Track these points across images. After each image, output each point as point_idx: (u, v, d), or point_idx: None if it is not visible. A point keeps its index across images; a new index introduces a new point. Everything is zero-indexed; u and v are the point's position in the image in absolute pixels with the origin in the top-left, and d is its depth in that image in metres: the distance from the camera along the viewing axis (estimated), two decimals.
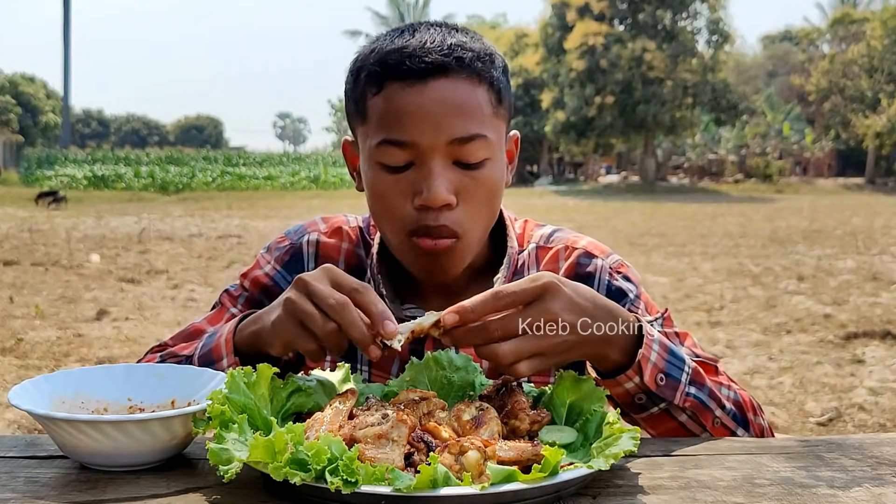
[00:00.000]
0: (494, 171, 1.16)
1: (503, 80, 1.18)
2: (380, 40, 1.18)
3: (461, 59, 1.12)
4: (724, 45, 37.75)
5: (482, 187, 1.15)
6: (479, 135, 1.13)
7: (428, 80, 1.11)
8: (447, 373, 1.13)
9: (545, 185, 39.64)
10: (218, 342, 1.16)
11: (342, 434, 0.90)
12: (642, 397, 1.11)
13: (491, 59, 1.17)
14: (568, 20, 37.23)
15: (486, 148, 1.14)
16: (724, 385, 1.21)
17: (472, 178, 1.14)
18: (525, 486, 0.83)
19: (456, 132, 1.11)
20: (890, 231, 15.92)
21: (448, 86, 1.12)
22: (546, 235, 1.36)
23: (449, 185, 1.12)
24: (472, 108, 1.13)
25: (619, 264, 1.33)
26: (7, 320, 6.95)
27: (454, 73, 1.12)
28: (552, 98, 37.81)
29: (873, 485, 0.94)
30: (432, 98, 1.11)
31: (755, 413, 1.23)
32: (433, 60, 1.11)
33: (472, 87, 1.13)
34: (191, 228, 16.57)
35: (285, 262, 1.34)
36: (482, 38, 1.20)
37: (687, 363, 1.14)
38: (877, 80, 38.90)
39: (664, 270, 10.26)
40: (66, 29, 56.21)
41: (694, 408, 1.13)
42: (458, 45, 1.13)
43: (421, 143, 1.12)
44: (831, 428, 4.42)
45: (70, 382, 1.09)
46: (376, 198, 1.18)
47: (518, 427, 1.00)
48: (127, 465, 0.97)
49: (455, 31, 1.18)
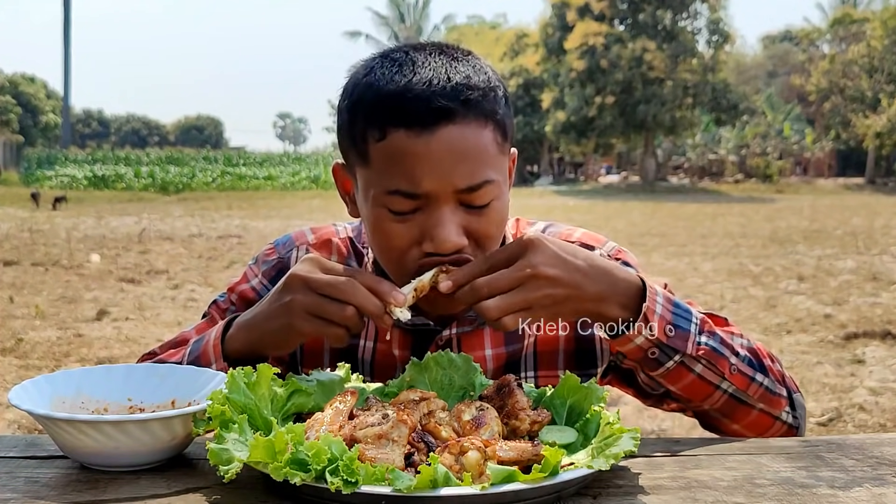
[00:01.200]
0: (501, 206, 1.15)
1: (507, 111, 1.16)
2: (375, 73, 1.12)
3: (468, 102, 1.08)
4: (724, 45, 37.75)
5: (490, 225, 1.14)
6: (487, 181, 1.11)
7: (436, 129, 1.07)
8: (448, 373, 1.13)
9: (545, 185, 39.64)
10: (205, 348, 1.16)
11: (342, 434, 0.90)
12: (655, 351, 1.12)
13: (495, 93, 1.13)
14: (568, 20, 37.22)
15: (493, 190, 1.12)
16: (735, 334, 1.21)
17: (479, 218, 1.13)
18: (525, 487, 0.83)
19: (465, 181, 1.09)
20: (890, 231, 15.91)
21: (456, 132, 1.08)
22: (539, 230, 1.36)
23: (458, 230, 1.11)
24: (480, 153, 1.10)
25: (616, 250, 1.34)
26: (7, 320, 6.95)
27: (461, 117, 1.08)
28: (552, 98, 37.81)
29: (874, 485, 0.94)
30: (440, 147, 1.07)
31: (772, 360, 1.24)
32: (440, 107, 1.07)
33: (480, 130, 1.10)
34: (191, 228, 16.57)
35: (272, 277, 1.33)
36: (483, 66, 1.16)
37: (693, 314, 1.15)
38: (877, 80, 38.90)
39: (664, 270, 10.25)
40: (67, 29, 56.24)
41: (708, 356, 1.14)
42: (463, 85, 1.09)
43: (430, 193, 1.09)
44: (832, 428, 4.42)
45: (70, 382, 1.09)
46: (381, 239, 1.16)
47: (518, 427, 1.00)
48: (127, 465, 0.97)
49: (456, 62, 1.12)
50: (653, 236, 15.00)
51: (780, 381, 1.22)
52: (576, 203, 27.47)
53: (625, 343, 1.12)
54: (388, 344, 1.28)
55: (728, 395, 1.18)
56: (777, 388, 1.21)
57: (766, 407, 1.20)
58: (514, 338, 1.28)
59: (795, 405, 1.24)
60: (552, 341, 1.29)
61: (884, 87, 38.22)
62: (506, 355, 1.28)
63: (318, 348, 1.31)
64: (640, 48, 35.48)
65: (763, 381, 1.19)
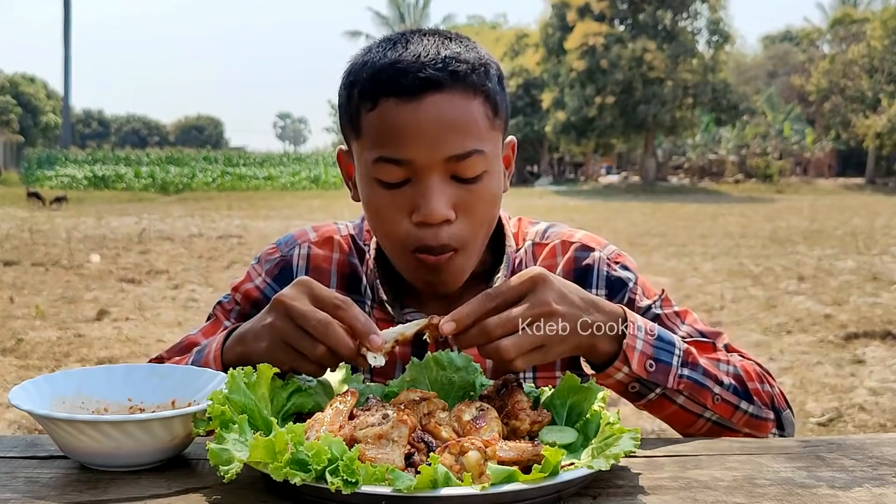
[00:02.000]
0: (492, 183, 1.16)
1: (498, 89, 1.16)
2: (372, 52, 1.15)
3: (456, 73, 1.10)
4: (724, 45, 37.76)
5: (480, 200, 1.14)
6: (475, 150, 1.11)
7: (423, 96, 1.09)
8: (448, 373, 1.13)
9: (545, 186, 39.65)
10: (206, 359, 1.17)
11: (342, 434, 0.90)
12: (636, 385, 1.13)
13: (486, 69, 1.14)
14: (568, 20, 37.24)
15: (482, 162, 1.13)
16: (721, 361, 1.21)
17: (469, 192, 1.13)
18: (525, 487, 0.83)
19: (452, 149, 1.10)
20: (890, 231, 15.91)
21: (443, 101, 1.09)
22: (541, 232, 1.36)
23: (447, 201, 1.12)
24: (468, 123, 1.11)
25: (616, 254, 1.34)
26: (7, 320, 6.95)
27: (449, 87, 1.09)
28: (552, 98, 37.82)
29: (874, 485, 0.94)
30: (428, 115, 1.09)
31: (761, 381, 1.23)
32: (428, 76, 1.08)
33: (468, 101, 1.11)
34: (191, 228, 16.58)
35: (275, 276, 1.34)
36: (477, 47, 1.17)
37: (677, 346, 1.15)
38: (877, 81, 38.91)
39: (664, 271, 10.25)
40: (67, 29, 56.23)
41: (689, 389, 1.15)
42: (452, 58, 1.11)
43: (417, 161, 1.10)
44: (832, 428, 4.42)
45: (70, 383, 1.09)
46: (374, 213, 1.18)
47: (518, 427, 1.00)
48: (127, 465, 0.97)
49: (449, 41, 1.15)
50: (653, 236, 15.00)
51: (767, 404, 1.23)
52: (576, 203, 27.47)
53: (605, 378, 1.12)
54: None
55: (712, 423, 1.19)
56: (763, 413, 1.22)
57: (751, 431, 1.22)
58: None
59: (784, 423, 1.25)
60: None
61: (884, 87, 38.23)
62: None
63: None
64: (641, 48, 35.49)
65: (748, 409, 1.20)
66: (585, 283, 1.30)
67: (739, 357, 1.28)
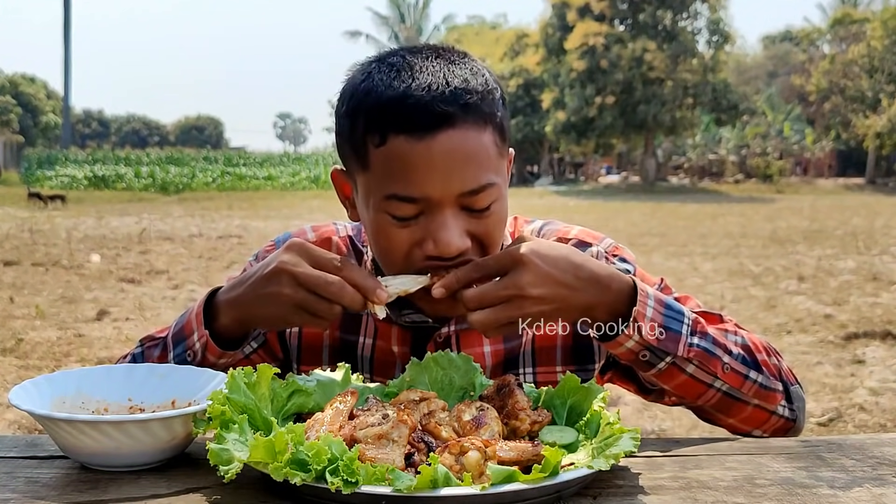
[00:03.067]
0: (501, 208, 1.16)
1: (504, 113, 1.15)
2: (374, 79, 1.11)
3: (468, 106, 1.08)
4: (724, 45, 37.73)
5: (492, 227, 1.15)
6: (489, 184, 1.11)
7: (436, 133, 1.06)
8: (447, 373, 1.13)
9: (545, 186, 39.64)
10: (189, 318, 1.18)
11: (342, 434, 0.90)
12: (646, 354, 1.12)
13: (493, 95, 1.13)
14: (568, 20, 37.21)
15: (494, 192, 1.13)
16: (729, 332, 1.21)
17: (481, 222, 1.13)
18: (525, 487, 0.83)
19: (467, 185, 1.09)
20: (890, 231, 15.91)
21: (456, 137, 1.07)
22: (537, 229, 1.36)
23: (462, 233, 1.11)
24: (481, 156, 1.10)
25: (613, 247, 1.35)
26: (7, 320, 6.95)
27: (461, 121, 1.08)
28: (552, 98, 37.80)
29: (874, 485, 0.94)
30: (441, 151, 1.07)
31: (769, 354, 1.23)
32: (441, 112, 1.06)
33: (479, 133, 1.10)
34: (191, 229, 16.57)
35: None
36: (481, 68, 1.15)
37: (686, 314, 1.15)
38: (877, 81, 38.89)
39: (664, 271, 10.25)
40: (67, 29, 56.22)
41: (699, 357, 1.14)
42: (462, 89, 1.08)
43: (431, 197, 1.09)
44: (832, 428, 4.41)
45: (70, 383, 1.09)
46: (383, 244, 1.16)
47: (518, 427, 1.00)
48: (127, 465, 0.97)
49: (454, 66, 1.12)
50: (653, 236, 15.00)
51: (775, 375, 1.22)
52: (576, 203, 27.46)
53: (615, 346, 1.12)
54: (388, 341, 1.28)
55: (722, 393, 1.18)
56: (772, 384, 1.21)
57: (761, 402, 1.21)
58: (513, 335, 1.28)
59: (793, 397, 1.24)
60: (550, 338, 1.30)
61: (884, 87, 38.22)
62: (504, 352, 1.29)
63: (317, 345, 1.32)
64: (641, 48, 35.48)
65: (757, 379, 1.19)
66: None
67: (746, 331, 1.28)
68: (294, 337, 1.32)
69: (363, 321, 1.29)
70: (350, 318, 1.29)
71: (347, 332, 1.30)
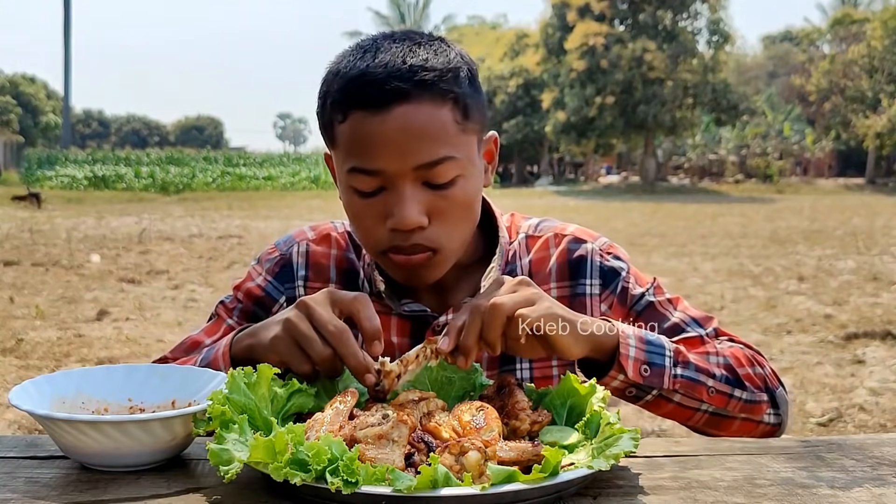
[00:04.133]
0: (467, 187, 1.17)
1: (470, 91, 1.17)
2: (344, 60, 1.17)
3: (423, 82, 1.11)
4: (724, 45, 37.75)
5: (454, 205, 1.16)
6: (446, 157, 1.13)
7: (391, 108, 1.10)
8: (447, 373, 1.13)
9: (545, 186, 39.65)
10: (216, 356, 1.18)
11: (342, 434, 0.90)
12: (632, 390, 1.16)
13: (455, 74, 1.15)
14: (568, 20, 37.22)
15: (454, 167, 1.14)
16: (710, 353, 1.23)
17: (443, 198, 1.15)
18: (525, 487, 0.83)
19: (421, 158, 1.12)
20: (890, 231, 15.91)
21: (411, 111, 1.11)
22: (534, 225, 1.38)
23: (420, 208, 1.14)
24: (437, 131, 1.12)
25: (608, 245, 1.37)
26: (7, 321, 6.95)
27: (416, 97, 1.11)
28: (553, 98, 37.81)
29: (874, 485, 0.94)
30: (395, 126, 1.10)
31: (751, 364, 1.26)
32: (394, 87, 1.10)
33: (436, 109, 1.12)
34: (191, 229, 16.57)
35: (276, 274, 1.36)
36: (448, 50, 1.17)
37: (667, 347, 1.17)
38: (877, 81, 38.90)
39: (664, 271, 10.25)
40: (67, 29, 56.22)
41: (684, 386, 1.17)
42: (419, 66, 1.12)
43: (388, 170, 1.13)
44: (832, 428, 4.41)
45: (70, 383, 1.09)
46: (352, 218, 1.22)
47: (518, 427, 1.00)
48: (127, 465, 0.97)
49: (418, 47, 1.15)
50: (653, 236, 15.00)
51: (759, 387, 1.25)
52: (576, 203, 27.46)
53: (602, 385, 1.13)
54: (386, 331, 1.28)
55: (709, 414, 1.22)
56: (757, 396, 1.24)
57: (748, 416, 1.24)
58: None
59: (778, 401, 1.27)
60: None
61: (884, 87, 38.22)
62: None
63: None
64: (641, 48, 35.48)
65: (742, 396, 1.22)
66: (579, 273, 1.33)
67: (729, 343, 1.31)
68: None
69: None
70: None
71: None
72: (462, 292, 1.31)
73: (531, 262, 1.34)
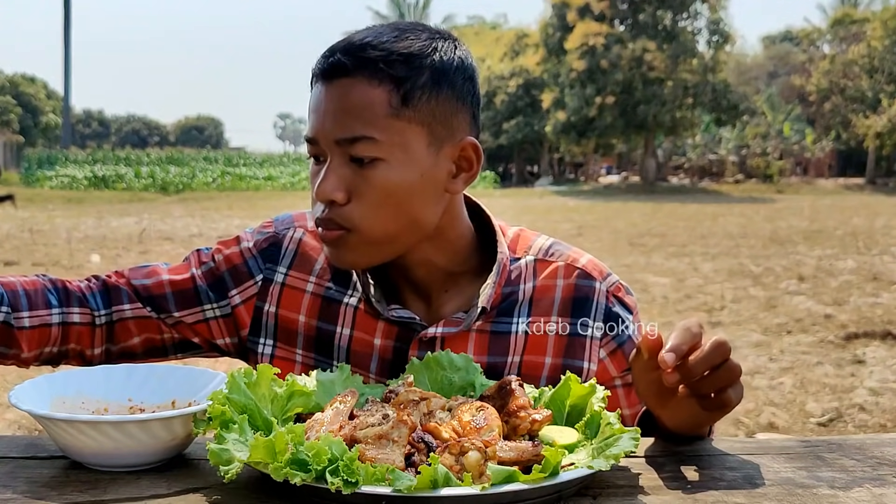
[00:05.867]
0: (390, 173, 1.15)
1: (425, 82, 1.14)
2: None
3: (363, 59, 1.13)
4: (724, 45, 37.72)
5: (373, 187, 1.15)
6: (363, 136, 1.13)
7: (333, 80, 1.14)
8: (448, 373, 1.13)
9: (545, 186, 39.64)
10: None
11: (342, 435, 0.90)
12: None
13: (408, 58, 1.13)
14: (568, 20, 37.20)
15: (373, 149, 1.13)
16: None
17: (361, 177, 1.15)
18: (525, 487, 0.83)
19: (341, 132, 1.14)
20: (890, 231, 15.91)
21: (346, 85, 1.13)
22: (545, 248, 1.32)
23: (338, 183, 1.15)
24: (362, 109, 1.13)
25: (615, 288, 1.31)
26: None
27: (354, 73, 1.13)
28: (553, 98, 37.78)
29: (874, 485, 0.94)
30: (331, 97, 1.14)
31: None
32: (336, 60, 1.14)
33: (370, 88, 1.12)
34: (191, 229, 16.57)
35: (262, 249, 1.34)
36: (422, 38, 1.16)
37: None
38: (877, 81, 38.88)
39: (665, 271, 10.25)
40: (67, 29, 56.21)
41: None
42: (370, 44, 1.13)
43: (318, 140, 1.17)
44: (832, 428, 4.41)
45: (70, 383, 1.09)
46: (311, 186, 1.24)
47: (518, 425, 1.00)
48: (127, 465, 0.97)
49: (393, 30, 1.16)
50: (653, 236, 15.00)
51: None
52: (576, 203, 27.45)
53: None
54: (370, 333, 1.27)
55: None
56: None
57: None
58: (499, 350, 1.26)
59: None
60: (538, 367, 1.27)
61: (884, 87, 38.20)
62: (486, 365, 1.23)
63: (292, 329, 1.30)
64: (641, 48, 35.46)
65: None
66: (583, 312, 1.28)
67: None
68: (271, 317, 1.31)
69: (341, 311, 1.28)
70: (327, 307, 1.29)
71: (324, 322, 1.29)
72: (451, 302, 1.27)
73: (535, 288, 1.28)
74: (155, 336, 1.32)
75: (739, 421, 4.33)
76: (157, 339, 1.33)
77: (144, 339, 1.32)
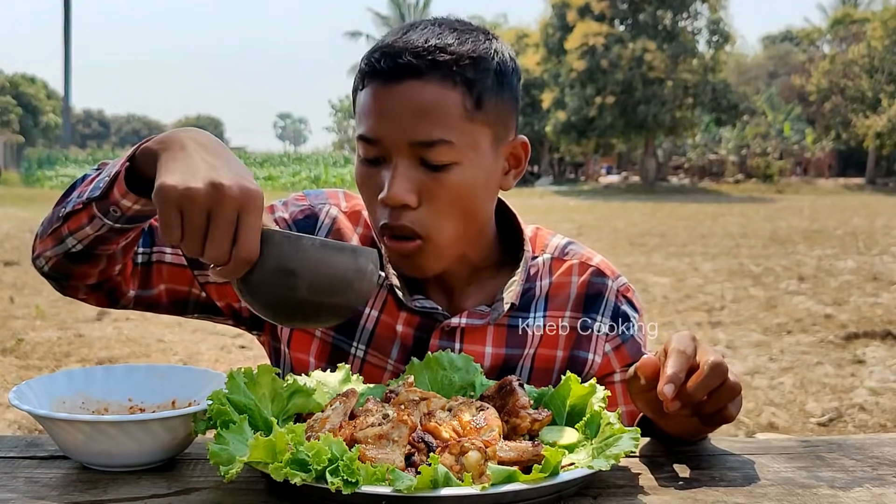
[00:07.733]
0: (464, 176, 1.15)
1: (490, 84, 1.16)
2: (387, 36, 1.19)
3: (436, 62, 1.12)
4: (724, 45, 37.71)
5: (447, 191, 1.15)
6: (442, 140, 1.12)
7: (401, 81, 1.12)
8: (448, 373, 1.13)
9: (546, 186, 39.64)
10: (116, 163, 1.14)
11: (343, 434, 0.90)
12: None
13: (476, 62, 1.14)
14: (568, 20, 37.20)
15: (450, 153, 1.13)
16: None
17: (436, 181, 1.14)
18: (525, 487, 0.83)
19: (417, 135, 1.12)
20: (890, 231, 15.91)
21: (417, 88, 1.12)
22: (561, 247, 1.37)
23: (409, 186, 1.13)
24: (439, 112, 1.12)
25: (625, 288, 1.36)
26: (8, 321, 6.95)
27: (427, 75, 1.12)
28: (553, 98, 37.79)
29: (874, 485, 0.94)
30: (401, 99, 1.12)
31: None
32: (406, 62, 1.12)
33: (444, 91, 1.12)
34: None
35: (297, 220, 1.32)
36: (483, 41, 1.17)
37: None
38: (877, 81, 38.88)
39: (665, 270, 10.25)
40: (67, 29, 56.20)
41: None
42: (438, 47, 1.12)
43: (385, 141, 1.14)
44: (832, 428, 4.41)
45: (70, 383, 1.09)
46: (358, 187, 1.22)
47: (519, 425, 1.00)
48: (127, 465, 0.97)
49: (450, 31, 1.16)
50: (653, 236, 14.99)
51: None
52: (576, 203, 27.45)
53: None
54: (394, 318, 1.27)
55: None
56: None
57: None
58: (517, 343, 1.29)
59: None
60: (550, 360, 1.31)
61: (884, 87, 38.20)
62: (504, 357, 1.28)
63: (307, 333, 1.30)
64: (641, 48, 35.46)
65: None
66: (593, 308, 1.32)
67: None
68: None
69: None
70: None
71: None
72: (474, 295, 1.29)
73: (551, 285, 1.32)
74: (183, 289, 1.30)
75: (739, 421, 4.33)
76: (184, 293, 1.30)
77: (172, 291, 1.30)
